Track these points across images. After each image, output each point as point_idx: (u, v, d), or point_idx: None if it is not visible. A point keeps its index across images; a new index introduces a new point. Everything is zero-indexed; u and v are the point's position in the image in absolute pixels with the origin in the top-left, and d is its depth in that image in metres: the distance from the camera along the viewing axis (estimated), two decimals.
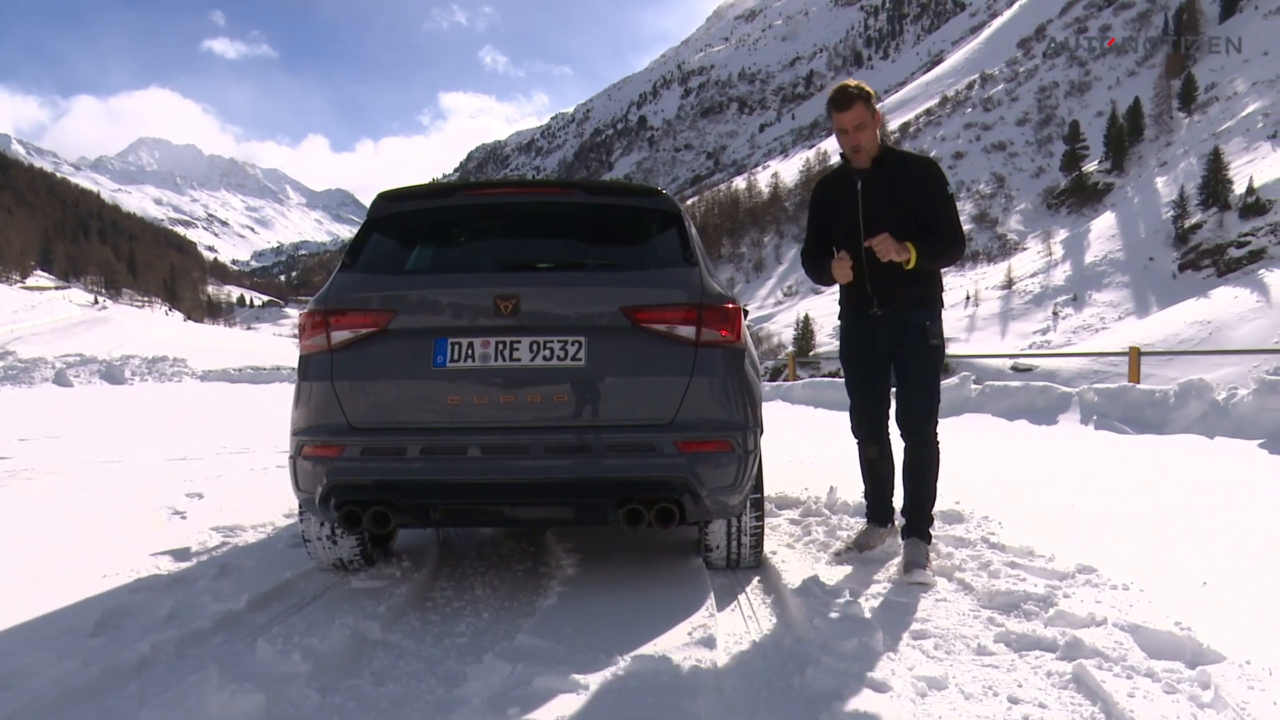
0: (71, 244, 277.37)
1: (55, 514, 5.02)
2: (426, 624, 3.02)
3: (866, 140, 3.50)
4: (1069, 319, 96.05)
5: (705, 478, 3.07)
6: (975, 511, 4.45)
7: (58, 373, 33.00)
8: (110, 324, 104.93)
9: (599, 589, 3.33)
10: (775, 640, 2.71)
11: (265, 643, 2.63)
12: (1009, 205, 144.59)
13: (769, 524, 4.63)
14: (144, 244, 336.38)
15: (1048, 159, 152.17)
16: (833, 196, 3.72)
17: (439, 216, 3.57)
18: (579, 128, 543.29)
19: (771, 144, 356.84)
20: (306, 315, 3.32)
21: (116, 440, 9.98)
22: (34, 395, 24.78)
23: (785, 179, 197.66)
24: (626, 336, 3.12)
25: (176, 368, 36.84)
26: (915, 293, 3.55)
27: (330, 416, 3.16)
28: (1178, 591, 3.05)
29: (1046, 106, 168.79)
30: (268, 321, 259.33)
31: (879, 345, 3.63)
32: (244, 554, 4.06)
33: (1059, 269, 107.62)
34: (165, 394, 24.31)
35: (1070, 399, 8.30)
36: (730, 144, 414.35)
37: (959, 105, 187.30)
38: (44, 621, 2.99)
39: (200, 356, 46.99)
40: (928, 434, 3.60)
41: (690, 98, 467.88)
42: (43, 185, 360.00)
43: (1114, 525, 4.17)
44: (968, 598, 3.14)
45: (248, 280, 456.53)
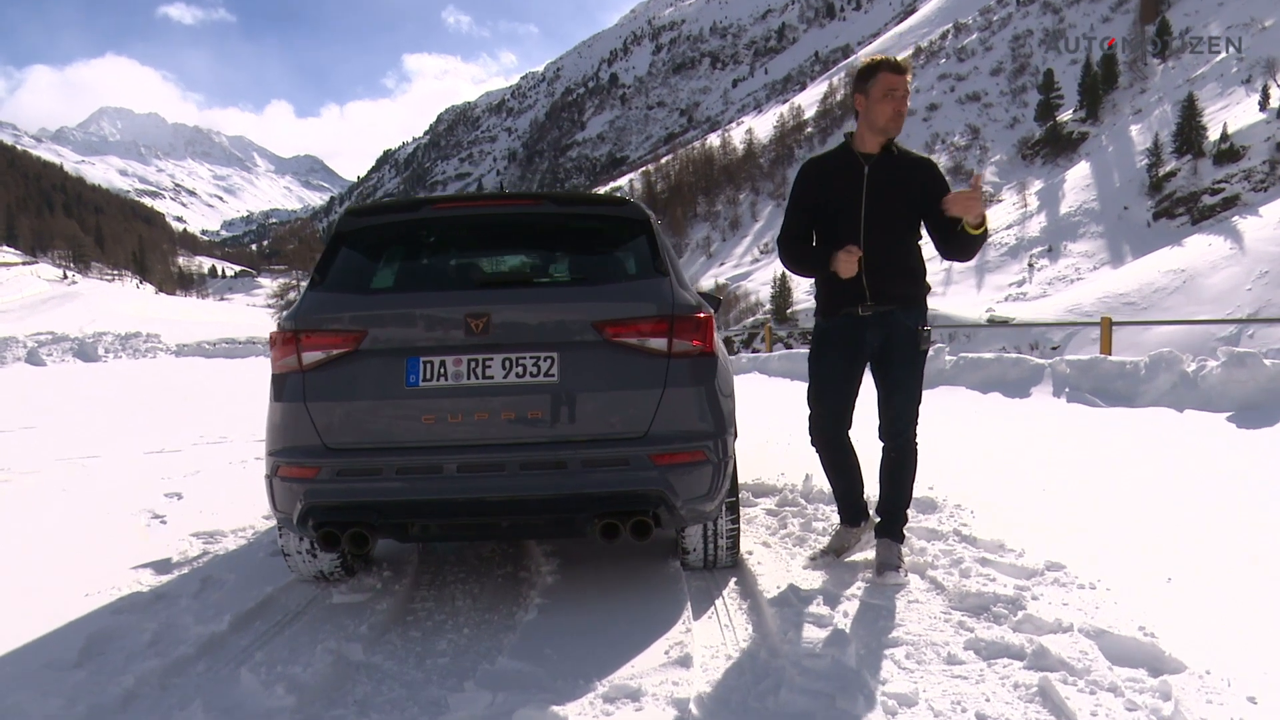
0: (36, 218, 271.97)
1: (36, 523, 5.00)
2: (408, 642, 3.05)
3: (905, 111, 3.38)
4: (1044, 270, 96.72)
5: (680, 489, 3.10)
6: (948, 500, 4.52)
7: (30, 352, 32.56)
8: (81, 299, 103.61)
9: (578, 599, 3.37)
10: (751, 654, 2.77)
11: (248, 672, 2.66)
12: (984, 157, 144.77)
13: (745, 514, 4.69)
14: (111, 216, 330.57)
15: (1022, 109, 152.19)
16: (831, 180, 3.48)
17: (407, 231, 3.55)
18: (550, 87, 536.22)
19: (745, 99, 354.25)
20: (277, 334, 3.31)
21: (92, 430, 9.91)
22: (6, 376, 24.49)
23: (759, 135, 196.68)
24: (598, 351, 3.14)
25: (150, 343, 36.52)
26: (909, 291, 3.44)
27: (304, 438, 3.17)
28: (1143, 589, 3.13)
29: (1020, 55, 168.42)
30: (241, 292, 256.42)
31: (864, 348, 3.48)
32: (225, 564, 4.07)
33: (1034, 220, 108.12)
34: (140, 371, 24.10)
35: (1043, 371, 8.41)
36: (703, 100, 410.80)
37: (933, 56, 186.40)
38: (28, 651, 3.00)
39: (174, 330, 46.55)
40: (909, 438, 3.54)
41: (662, 54, 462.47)
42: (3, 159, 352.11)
43: (1083, 514, 4.26)
44: (939, 598, 3.21)
45: (219, 250, 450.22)
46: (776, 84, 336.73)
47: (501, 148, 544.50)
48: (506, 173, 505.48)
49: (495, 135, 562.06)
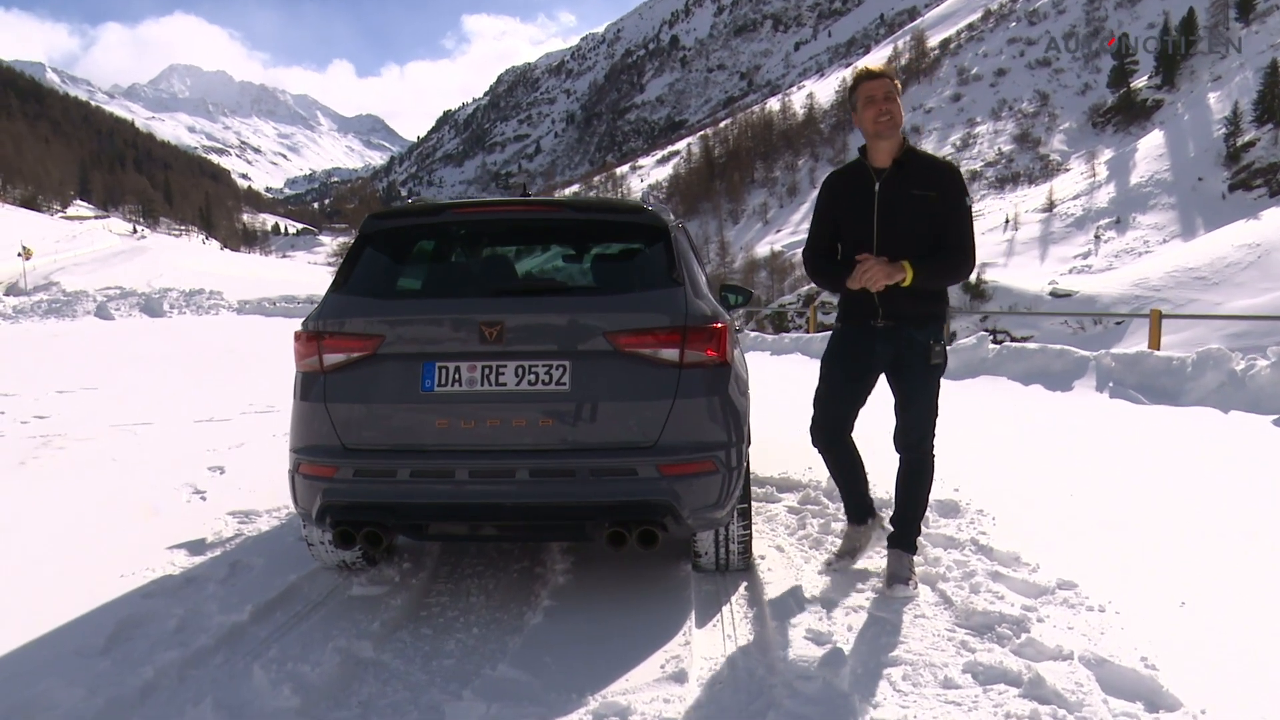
0: (108, 173, 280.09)
1: (84, 495, 5.23)
2: (419, 640, 3.14)
3: (896, 111, 3.34)
4: (1111, 242, 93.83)
5: (688, 498, 3.13)
6: (971, 504, 4.48)
7: (99, 306, 33.82)
8: (149, 253, 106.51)
9: (586, 602, 3.43)
10: (748, 670, 2.80)
11: (260, 669, 2.78)
12: (1052, 124, 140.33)
13: (767, 511, 4.71)
14: (179, 172, 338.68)
15: (1094, 75, 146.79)
16: (846, 194, 3.48)
17: (429, 235, 3.60)
18: (609, 49, 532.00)
19: (807, 63, 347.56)
20: (301, 334, 3.40)
21: (148, 393, 10.28)
22: (77, 329, 25.47)
23: (821, 99, 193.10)
24: (610, 360, 3.16)
25: (213, 300, 37.66)
26: (922, 309, 3.40)
27: (324, 437, 3.26)
28: (1154, 614, 3.08)
29: (1095, 19, 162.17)
30: (302, 249, 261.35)
31: (877, 359, 3.47)
32: (255, 547, 4.22)
33: (1102, 190, 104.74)
34: (202, 329, 24.85)
35: (1087, 364, 8.20)
36: (764, 63, 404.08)
37: (1003, 19, 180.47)
38: (61, 635, 3.16)
39: (236, 287, 47.79)
40: (925, 449, 3.52)
41: (723, 15, 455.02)
42: (78, 114, 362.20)
43: (1106, 525, 4.19)
44: (946, 614, 3.20)
45: (281, 208, 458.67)
46: (840, 47, 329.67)
47: (560, 110, 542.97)
48: (564, 135, 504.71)
49: (554, 97, 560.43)
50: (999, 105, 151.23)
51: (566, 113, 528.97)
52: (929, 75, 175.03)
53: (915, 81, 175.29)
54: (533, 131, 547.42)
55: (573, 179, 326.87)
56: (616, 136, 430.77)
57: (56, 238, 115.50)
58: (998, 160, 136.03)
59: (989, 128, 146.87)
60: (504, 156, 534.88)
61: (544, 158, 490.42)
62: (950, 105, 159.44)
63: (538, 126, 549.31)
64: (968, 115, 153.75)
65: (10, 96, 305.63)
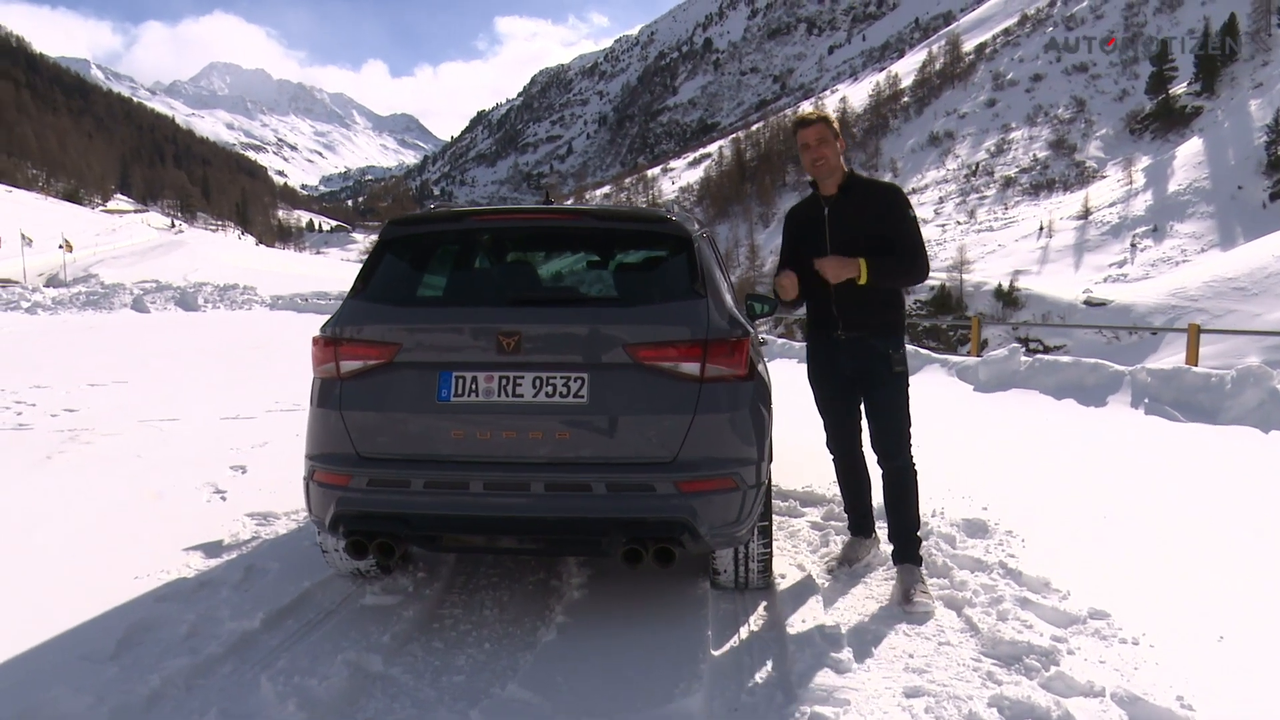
0: (148, 168, 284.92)
1: (106, 493, 5.24)
2: (430, 653, 3.09)
3: (829, 154, 3.63)
4: (1148, 251, 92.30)
5: (706, 516, 3.05)
6: (1000, 524, 4.36)
7: (135, 299, 34.32)
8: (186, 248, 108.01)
9: (601, 620, 3.35)
10: (766, 698, 2.72)
11: (268, 681, 2.74)
12: (1089, 131, 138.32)
13: (790, 526, 4.61)
14: (217, 168, 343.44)
15: (1132, 81, 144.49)
16: (802, 223, 3.82)
17: (449, 241, 3.55)
18: (643, 51, 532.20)
19: (841, 66, 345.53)
20: (318, 339, 3.36)
21: (178, 388, 10.36)
22: (114, 322, 25.84)
23: (854, 103, 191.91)
24: (629, 373, 3.08)
25: (247, 295, 38.06)
26: (879, 318, 3.64)
27: (339, 445, 3.22)
28: (1191, 648, 2.96)
29: (1134, 24, 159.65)
30: (336, 246, 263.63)
31: (843, 368, 3.71)
32: (272, 551, 4.20)
33: (1139, 198, 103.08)
34: (234, 324, 25.08)
35: (1122, 379, 7.99)
36: (798, 67, 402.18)
37: (1039, 24, 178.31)
38: (71, 639, 3.14)
39: (269, 283, 48.25)
40: (904, 459, 3.67)
41: (757, 18, 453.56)
42: (120, 110, 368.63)
43: (1141, 550, 4.05)
44: (972, 642, 3.10)
45: (316, 205, 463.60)
46: (874, 51, 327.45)
47: (593, 111, 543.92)
48: (596, 136, 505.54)
49: (587, 98, 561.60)
50: (1034, 111, 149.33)
51: (599, 114, 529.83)
52: (963, 80, 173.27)
53: (949, 86, 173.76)
54: (565, 133, 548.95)
55: (604, 180, 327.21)
56: (648, 138, 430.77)
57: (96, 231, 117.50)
58: (1032, 166, 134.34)
59: (1024, 133, 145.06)
60: (536, 157, 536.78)
61: (576, 159, 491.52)
62: (985, 111, 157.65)
63: (570, 128, 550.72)
64: (1002, 121, 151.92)
65: (56, 92, 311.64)
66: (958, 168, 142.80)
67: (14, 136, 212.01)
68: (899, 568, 3.62)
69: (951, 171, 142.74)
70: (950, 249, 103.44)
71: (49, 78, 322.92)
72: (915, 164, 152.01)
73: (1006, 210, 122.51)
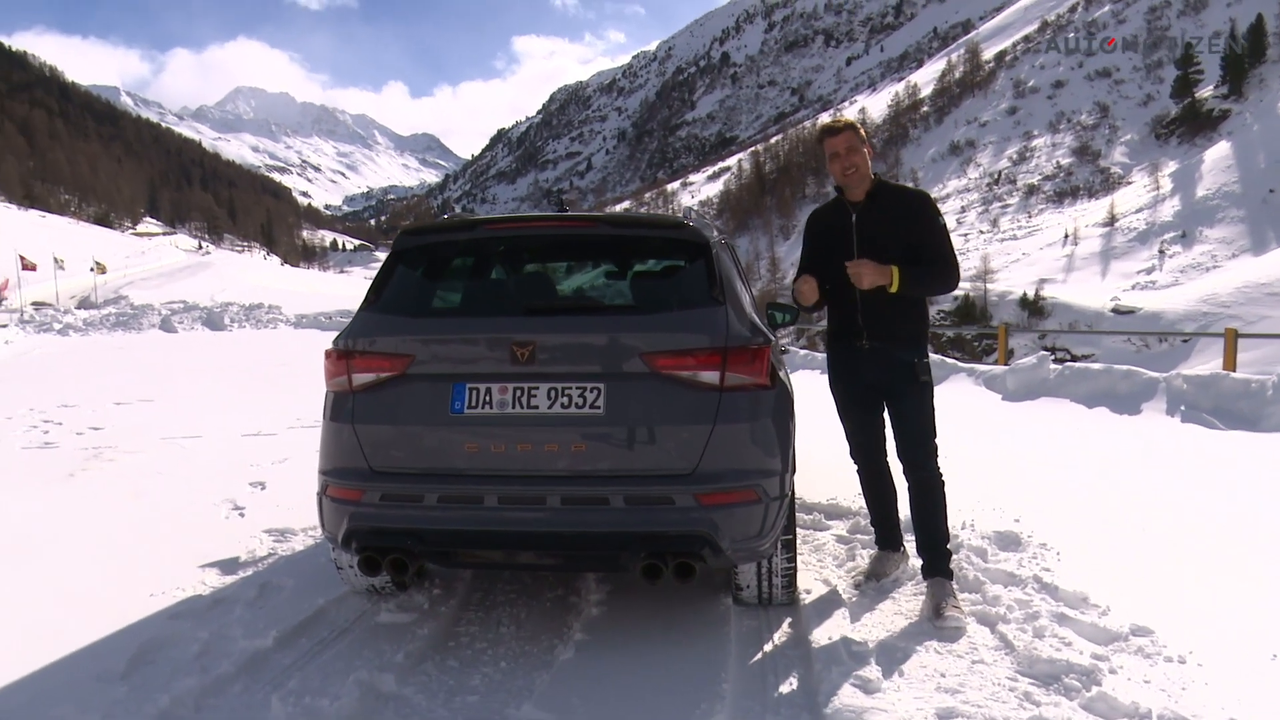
0: (176, 191, 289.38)
1: (125, 509, 5.21)
2: (445, 672, 3.00)
3: (861, 161, 3.56)
4: (1176, 257, 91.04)
5: (727, 529, 2.95)
6: (1034, 536, 4.21)
7: (163, 319, 34.85)
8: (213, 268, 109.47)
9: (620, 638, 3.25)
10: (792, 717, 2.61)
11: (278, 701, 2.66)
12: (1113, 136, 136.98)
13: (815, 540, 4.50)
14: (242, 190, 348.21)
15: (1157, 85, 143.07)
16: (827, 228, 3.74)
17: (461, 251, 3.48)
18: (660, 66, 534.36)
19: (859, 78, 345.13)
20: (330, 352, 3.30)
21: (201, 406, 10.39)
22: (142, 342, 26.16)
23: (873, 114, 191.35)
24: (646, 383, 2.99)
25: (272, 314, 38.49)
26: (904, 329, 3.57)
27: (351, 459, 3.15)
28: (1242, 667, 2.81)
29: (1157, 28, 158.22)
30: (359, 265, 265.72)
31: (867, 377, 3.64)
32: (287, 568, 4.13)
33: (1167, 204, 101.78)
34: (259, 342, 25.27)
35: (1156, 386, 7.78)
36: (816, 79, 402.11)
37: (1060, 30, 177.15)
38: (83, 658, 3.08)
39: (294, 302, 48.69)
40: (930, 469, 3.58)
41: (774, 31, 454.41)
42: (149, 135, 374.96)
43: (1182, 563, 3.90)
44: (1007, 660, 2.97)
45: (339, 225, 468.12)
46: (892, 62, 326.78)
47: (611, 127, 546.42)
48: (616, 152, 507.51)
49: (606, 114, 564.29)
50: (1057, 118, 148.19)
51: (618, 130, 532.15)
52: (984, 89, 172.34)
53: (969, 95, 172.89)
54: (584, 149, 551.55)
55: (624, 195, 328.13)
56: (667, 153, 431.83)
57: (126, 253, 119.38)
58: (1056, 174, 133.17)
59: (1046, 140, 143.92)
60: (556, 174, 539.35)
61: (595, 174, 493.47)
62: (1006, 119, 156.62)
63: (589, 144, 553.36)
64: (1024, 129, 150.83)
65: (87, 119, 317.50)
66: (979, 176, 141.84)
67: (47, 163, 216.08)
68: (929, 582, 3.50)
69: (973, 180, 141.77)
70: (973, 258, 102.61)
71: (80, 105, 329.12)
72: (936, 173, 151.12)
73: (1030, 218, 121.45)
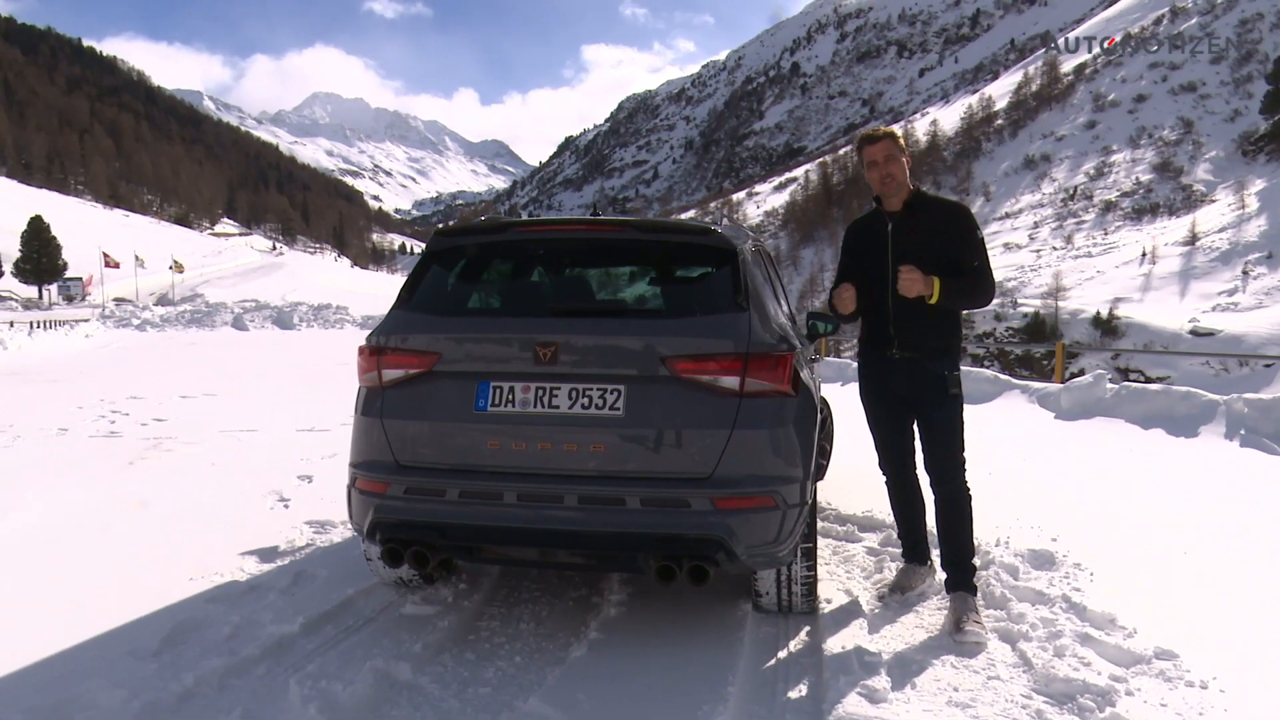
0: (253, 194, 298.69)
1: (177, 498, 5.42)
2: (460, 664, 3.07)
3: (898, 171, 3.55)
4: (1262, 279, 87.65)
5: (743, 534, 2.96)
6: (1069, 555, 4.12)
7: (235, 317, 36.05)
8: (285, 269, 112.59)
9: (634, 639, 3.28)
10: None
11: (296, 684, 2.75)
12: (1196, 153, 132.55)
13: (845, 552, 4.47)
14: (316, 193, 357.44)
15: (1245, 100, 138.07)
16: (863, 238, 3.75)
17: (491, 252, 3.56)
18: (730, 76, 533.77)
19: (932, 89, 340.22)
20: (363, 349, 3.40)
21: (262, 401, 10.73)
22: (215, 339, 27.08)
23: (945, 126, 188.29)
24: (667, 386, 3.03)
25: (339, 314, 39.51)
26: (937, 341, 3.56)
27: (379, 453, 3.24)
28: (1267, 696, 2.72)
29: (1247, 41, 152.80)
30: None
31: (897, 388, 3.64)
32: (323, 558, 4.26)
33: (1253, 223, 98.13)
34: (325, 341, 25.93)
35: (1215, 409, 7.51)
36: (887, 90, 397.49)
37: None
38: (118, 636, 3.23)
39: (361, 303, 49.81)
40: (958, 482, 3.57)
41: (846, 42, 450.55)
42: (229, 139, 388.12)
43: (1221, 590, 3.77)
44: (1024, 677, 2.92)
45: (409, 229, 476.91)
46: (967, 73, 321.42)
47: (679, 136, 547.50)
48: (682, 161, 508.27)
49: (673, 124, 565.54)
50: (1138, 133, 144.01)
51: (685, 139, 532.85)
52: (1061, 102, 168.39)
53: (1046, 108, 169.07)
54: (651, 157, 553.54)
55: (689, 204, 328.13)
56: (734, 163, 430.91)
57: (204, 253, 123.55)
58: (1134, 190, 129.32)
59: (1126, 156, 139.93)
60: (622, 181, 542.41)
61: (661, 183, 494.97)
62: (1084, 133, 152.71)
63: (656, 152, 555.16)
64: (1103, 143, 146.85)
65: (171, 122, 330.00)
66: (1054, 191, 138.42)
67: (132, 164, 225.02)
68: (951, 596, 3.47)
69: (1048, 196, 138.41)
70: (1045, 275, 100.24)
71: (165, 109, 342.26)
72: (1009, 188, 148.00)
73: (1106, 235, 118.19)
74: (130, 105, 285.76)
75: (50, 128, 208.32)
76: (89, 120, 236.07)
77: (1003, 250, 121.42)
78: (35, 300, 72.48)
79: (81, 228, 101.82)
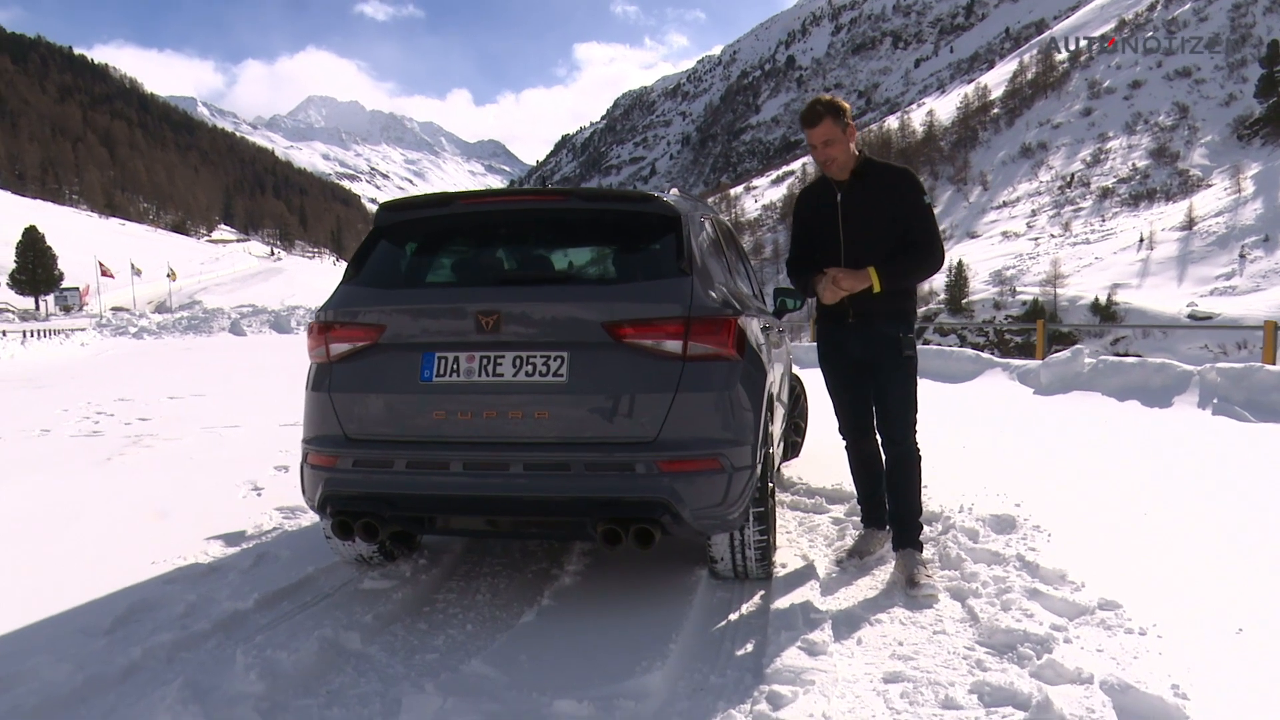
0: (250, 199, 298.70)
1: (149, 490, 5.43)
2: (411, 633, 3.09)
3: (838, 153, 3.53)
4: (1258, 262, 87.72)
5: (689, 497, 2.97)
6: (1030, 519, 4.14)
7: (233, 323, 36.12)
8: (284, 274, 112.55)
9: (585, 603, 3.30)
10: (736, 678, 2.62)
11: (241, 655, 2.77)
12: (1192, 138, 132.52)
13: (811, 521, 4.49)
14: (313, 198, 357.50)
15: (1240, 85, 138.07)
16: (814, 208, 3.73)
17: (437, 226, 3.57)
18: (725, 70, 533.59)
19: (928, 80, 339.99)
20: (311, 326, 3.42)
21: (249, 400, 10.74)
22: (211, 344, 27.13)
23: (941, 116, 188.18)
24: (610, 352, 3.04)
25: None
26: (888, 306, 3.56)
27: (329, 428, 3.26)
28: (1203, 640, 2.73)
29: (1241, 26, 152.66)
30: None
31: (853, 352, 3.66)
32: (288, 541, 4.28)
33: (1249, 207, 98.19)
34: None
35: (1189, 379, 7.51)
36: (883, 81, 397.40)
37: (1138, 29, 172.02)
38: (72, 615, 3.24)
39: None
40: (908, 444, 3.62)
41: (841, 34, 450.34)
42: (224, 144, 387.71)
43: (1173, 546, 3.78)
44: (969, 631, 2.94)
45: None
46: (962, 63, 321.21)
47: (675, 132, 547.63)
48: (680, 156, 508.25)
49: (670, 119, 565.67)
50: (1133, 119, 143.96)
51: (682, 134, 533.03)
52: (1057, 89, 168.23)
53: (1042, 96, 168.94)
54: (648, 154, 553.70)
55: None
56: (731, 157, 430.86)
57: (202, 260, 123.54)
58: (1131, 176, 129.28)
59: (1122, 142, 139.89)
60: (620, 178, 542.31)
61: (659, 179, 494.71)
62: (1080, 120, 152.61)
63: (653, 149, 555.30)
64: (1099, 130, 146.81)
65: (165, 129, 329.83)
66: (1051, 179, 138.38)
67: (127, 172, 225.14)
68: (899, 553, 3.55)
69: (1045, 183, 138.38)
70: (1043, 262, 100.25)
71: (159, 116, 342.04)
72: (1006, 176, 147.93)
73: (1104, 222, 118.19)
74: (123, 113, 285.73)
75: (43, 137, 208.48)
76: (82, 129, 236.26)
77: (1001, 239, 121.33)
78: (32, 312, 72.62)
79: (77, 237, 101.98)
